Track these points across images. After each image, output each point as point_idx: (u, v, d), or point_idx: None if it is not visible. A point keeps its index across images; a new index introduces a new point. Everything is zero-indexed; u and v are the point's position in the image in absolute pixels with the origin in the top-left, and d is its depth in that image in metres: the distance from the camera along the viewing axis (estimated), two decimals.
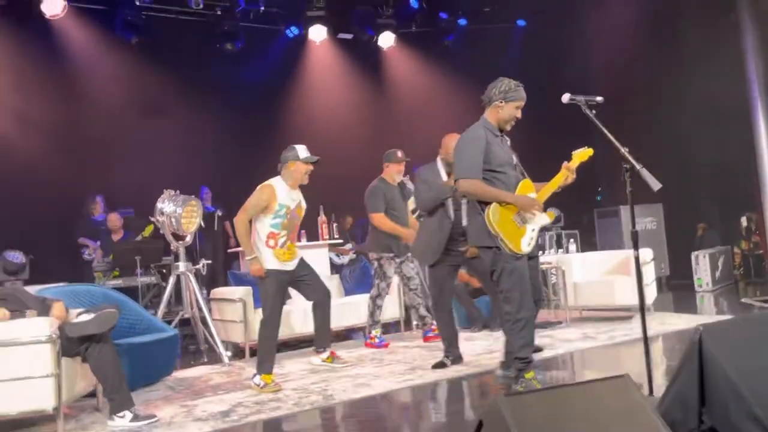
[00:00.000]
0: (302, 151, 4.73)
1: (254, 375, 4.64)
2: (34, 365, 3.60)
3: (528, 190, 4.00)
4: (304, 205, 4.90)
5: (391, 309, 6.69)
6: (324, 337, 4.95)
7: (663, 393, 2.96)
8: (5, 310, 3.66)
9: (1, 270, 6.72)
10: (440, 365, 4.88)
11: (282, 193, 4.67)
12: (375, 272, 6.06)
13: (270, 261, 4.63)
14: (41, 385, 3.60)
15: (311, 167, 4.73)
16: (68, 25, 8.79)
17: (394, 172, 5.87)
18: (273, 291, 4.65)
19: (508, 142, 4.10)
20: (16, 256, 6.89)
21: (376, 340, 6.04)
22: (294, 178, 4.71)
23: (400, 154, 5.87)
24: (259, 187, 4.73)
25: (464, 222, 4.52)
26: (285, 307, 4.86)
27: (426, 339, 6.04)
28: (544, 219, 4.01)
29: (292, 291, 6.69)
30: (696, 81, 9.28)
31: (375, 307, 6.09)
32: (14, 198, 7.81)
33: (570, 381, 4.36)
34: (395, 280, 6.75)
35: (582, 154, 4.19)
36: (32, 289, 4.83)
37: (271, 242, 4.63)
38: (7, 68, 8.36)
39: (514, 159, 4.05)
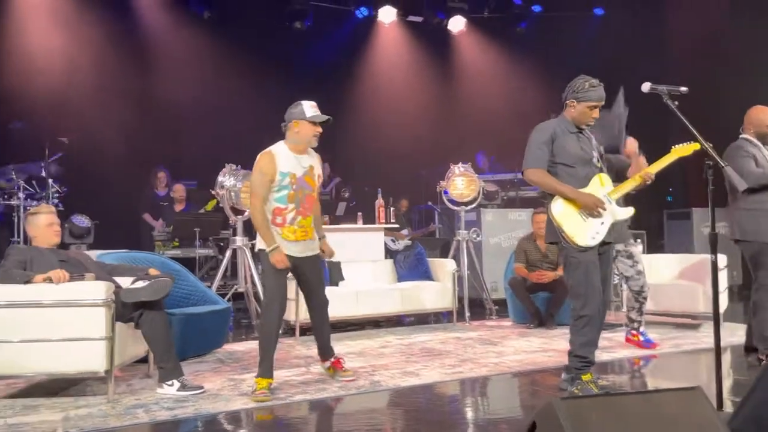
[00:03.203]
0: (309, 108, 3.91)
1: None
2: (89, 327, 3.66)
3: (602, 184, 3.80)
4: (318, 171, 4.08)
5: (444, 299, 6.57)
6: (323, 346, 4.29)
7: (735, 409, 2.74)
8: (65, 272, 3.72)
9: (67, 233, 6.93)
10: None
11: (283, 159, 3.89)
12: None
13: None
14: (95, 347, 3.66)
15: (319, 129, 3.93)
16: None
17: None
18: (273, 273, 3.88)
19: (593, 140, 3.88)
20: (82, 221, 7.10)
21: (640, 338, 5.26)
22: (298, 140, 3.92)
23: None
24: (257, 157, 3.95)
25: None
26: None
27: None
28: (622, 213, 3.80)
29: (361, 268, 6.55)
30: None
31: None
32: (85, 166, 8.05)
33: (627, 387, 4.14)
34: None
35: (682, 150, 3.92)
36: (93, 254, 4.95)
37: (278, 219, 3.90)
38: (86, 42, 8.63)
39: (595, 155, 3.84)
